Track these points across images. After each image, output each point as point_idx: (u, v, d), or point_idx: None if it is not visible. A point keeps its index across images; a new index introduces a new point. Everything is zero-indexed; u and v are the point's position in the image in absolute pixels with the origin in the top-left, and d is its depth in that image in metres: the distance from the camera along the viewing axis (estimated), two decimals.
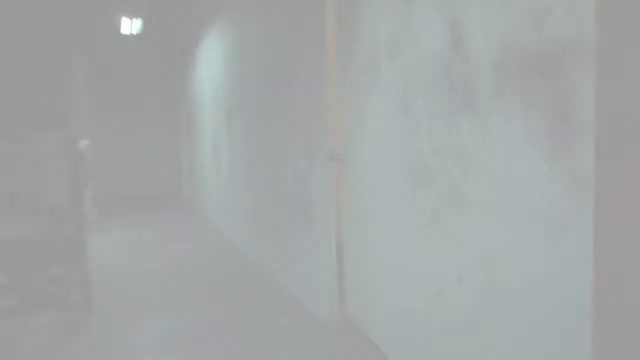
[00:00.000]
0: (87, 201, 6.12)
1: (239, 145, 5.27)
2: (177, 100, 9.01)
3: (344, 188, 3.25)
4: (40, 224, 4.08)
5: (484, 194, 1.92)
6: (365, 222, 2.92)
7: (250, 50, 4.68)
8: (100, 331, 3.50)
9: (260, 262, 4.72)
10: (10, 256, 3.78)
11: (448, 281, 2.15)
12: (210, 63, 6.32)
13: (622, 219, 1.52)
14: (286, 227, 4.03)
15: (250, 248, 5.07)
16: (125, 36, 7.06)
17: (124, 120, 9.12)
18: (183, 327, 3.50)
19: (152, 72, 8.93)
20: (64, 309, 3.80)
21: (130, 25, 6.50)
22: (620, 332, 1.56)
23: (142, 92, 9.04)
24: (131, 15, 6.30)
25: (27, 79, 6.43)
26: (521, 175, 1.75)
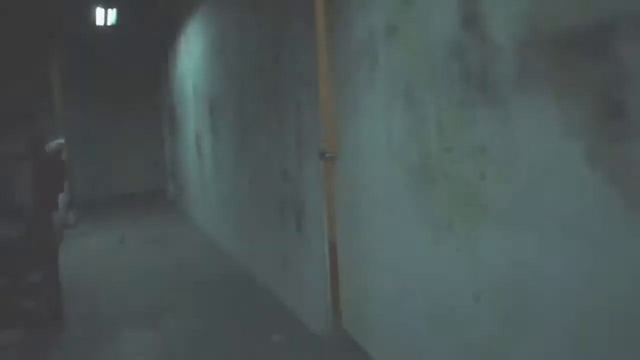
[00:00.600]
0: (63, 204, 5.75)
1: (223, 142, 4.94)
2: (158, 95, 8.62)
3: (337, 189, 2.93)
4: (3, 230, 3.74)
5: (506, 199, 1.62)
6: (361, 228, 2.61)
7: (234, 39, 4.34)
8: (70, 352, 3.16)
9: (248, 269, 4.40)
10: None
11: (461, 299, 1.85)
12: (192, 55, 5.97)
13: None
14: (275, 231, 3.72)
15: (238, 253, 4.75)
16: (100, 27, 6.63)
17: (103, 117, 8.73)
18: (164, 343, 3.18)
19: (130, 66, 8.53)
20: (30, 326, 3.46)
21: (104, 16, 6.07)
22: None
23: (121, 87, 8.65)
24: (106, 5, 5.87)
25: None
26: (554, 177, 1.44)
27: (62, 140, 6.71)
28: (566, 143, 1.39)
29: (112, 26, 6.70)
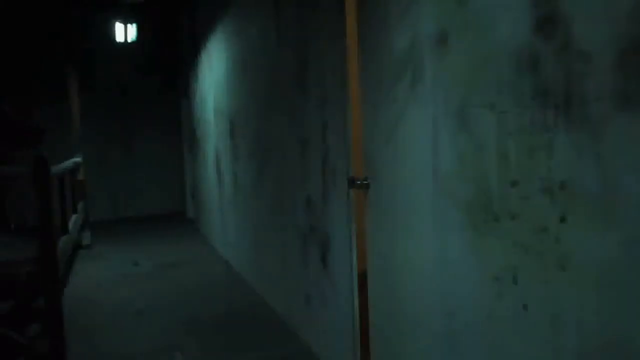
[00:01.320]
0: (75, 225, 5.51)
1: (242, 163, 4.63)
2: (179, 113, 8.43)
3: (369, 223, 2.58)
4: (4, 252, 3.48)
5: (599, 251, 1.24)
6: (399, 272, 2.24)
7: (256, 55, 4.06)
8: None
9: (268, 303, 4.05)
10: None
11: None
12: (213, 72, 5.72)
13: None
14: (298, 263, 3.37)
15: (258, 283, 4.40)
16: (121, 44, 6.45)
17: (122, 135, 8.56)
18: None
19: (151, 82, 8.37)
20: None
21: (124, 32, 5.88)
22: None
23: (141, 104, 8.48)
24: (125, 20, 5.67)
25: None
26: None
27: (78, 159, 6.52)
28: None
29: (132, 42, 6.51)
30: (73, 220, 5.50)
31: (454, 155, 1.74)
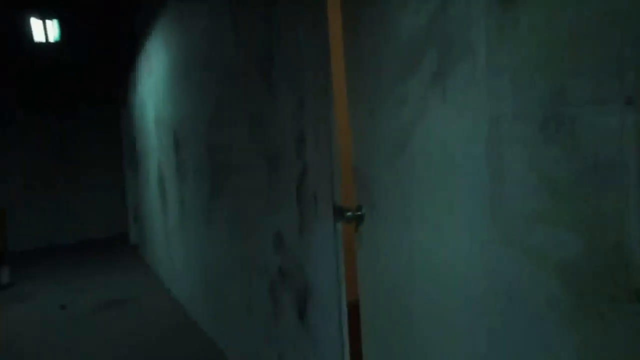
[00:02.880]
0: None
1: (190, 184, 3.85)
2: (118, 127, 7.50)
3: (364, 268, 1.88)
4: None
5: None
6: (409, 334, 1.54)
7: (203, 53, 3.30)
8: None
9: (229, 356, 3.27)
10: None
11: None
12: (153, 76, 4.90)
13: None
14: (267, 316, 2.62)
15: (216, 336, 3.62)
16: (41, 45, 5.46)
17: (54, 152, 7.54)
18: None
19: (83, 92, 7.40)
20: None
21: (44, 30, 4.93)
22: None
23: (71, 117, 7.49)
24: (43, 15, 4.69)
25: None
26: None
27: None
28: None
29: (56, 43, 5.53)
30: None
31: (539, 184, 1.06)
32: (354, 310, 1.99)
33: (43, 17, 4.57)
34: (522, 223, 1.10)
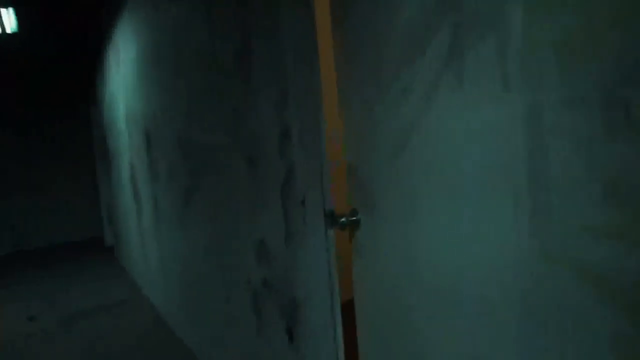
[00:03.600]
0: None
1: (163, 185, 3.56)
2: (88, 123, 7.13)
3: (362, 282, 1.64)
4: None
5: None
6: (411, 339, 1.31)
7: (175, 42, 3.01)
8: None
9: None
10: None
11: None
12: (121, 69, 4.58)
13: None
14: (250, 331, 2.37)
15: (197, 350, 3.36)
16: None
17: (22, 153, 7.14)
18: None
19: (49, 87, 7.01)
20: None
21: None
22: None
23: (38, 114, 7.09)
24: None
25: None
26: None
27: None
28: None
29: (15, 35, 5.12)
30: None
31: (600, 190, 0.82)
32: (345, 319, 1.76)
33: None
34: (573, 237, 0.87)
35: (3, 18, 4.45)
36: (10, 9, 4.28)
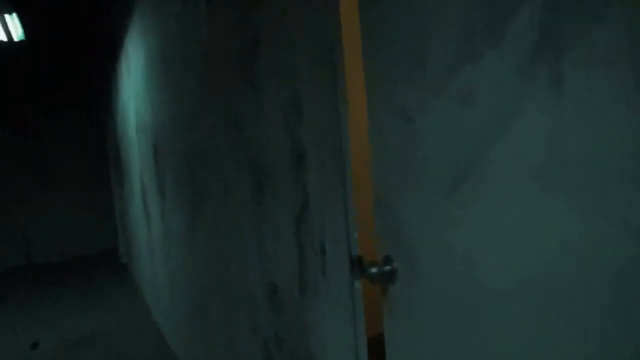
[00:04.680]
0: None
1: (170, 201, 3.21)
2: (103, 133, 6.89)
3: (396, 350, 1.24)
4: None
5: None
6: None
7: (180, 32, 2.66)
8: None
9: None
10: None
11: None
12: (132, 76, 4.28)
13: None
14: None
15: None
16: (5, 45, 4.75)
17: (35, 162, 6.94)
18: None
19: (60, 95, 6.79)
20: None
21: (4, 27, 4.23)
22: None
23: (51, 123, 6.88)
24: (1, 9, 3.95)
25: None
26: None
27: None
28: None
29: (22, 42, 4.84)
30: None
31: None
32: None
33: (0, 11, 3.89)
34: None
35: (9, 26, 4.17)
36: (14, 15, 3.98)
